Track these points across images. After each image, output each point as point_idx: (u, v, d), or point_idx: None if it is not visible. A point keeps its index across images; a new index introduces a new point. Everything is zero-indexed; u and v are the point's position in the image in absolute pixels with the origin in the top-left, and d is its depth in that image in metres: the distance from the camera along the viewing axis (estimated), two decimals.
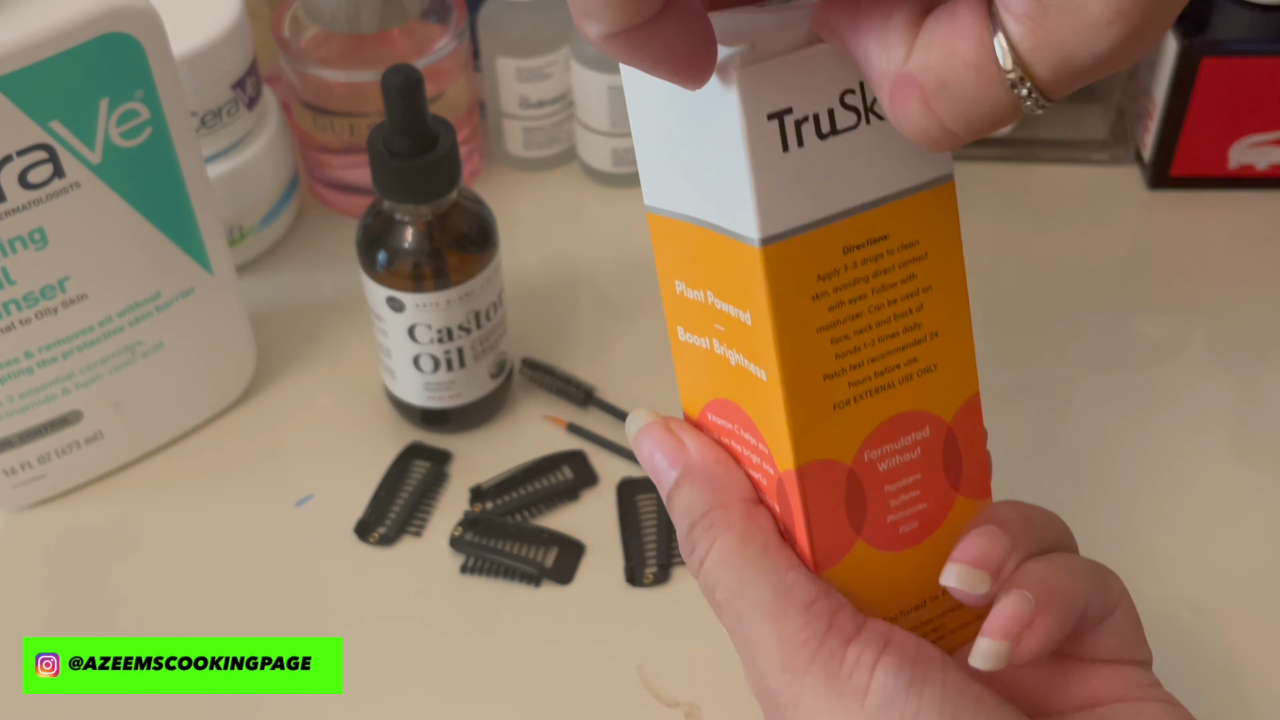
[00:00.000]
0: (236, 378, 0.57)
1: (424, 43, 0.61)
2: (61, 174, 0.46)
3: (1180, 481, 0.54)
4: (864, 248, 0.33)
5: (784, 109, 0.31)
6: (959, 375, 0.35)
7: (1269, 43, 0.62)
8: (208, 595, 0.51)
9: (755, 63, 0.30)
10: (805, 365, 0.33)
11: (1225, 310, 0.62)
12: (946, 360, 0.35)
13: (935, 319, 0.34)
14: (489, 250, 0.51)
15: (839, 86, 0.31)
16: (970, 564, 0.33)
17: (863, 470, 0.34)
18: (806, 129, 0.31)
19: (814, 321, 0.33)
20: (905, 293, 0.34)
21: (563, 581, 0.51)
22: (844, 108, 0.31)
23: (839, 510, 0.34)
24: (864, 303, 0.33)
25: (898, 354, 0.34)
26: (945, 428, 0.35)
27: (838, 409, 0.34)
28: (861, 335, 0.33)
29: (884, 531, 0.35)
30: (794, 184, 0.31)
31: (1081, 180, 0.68)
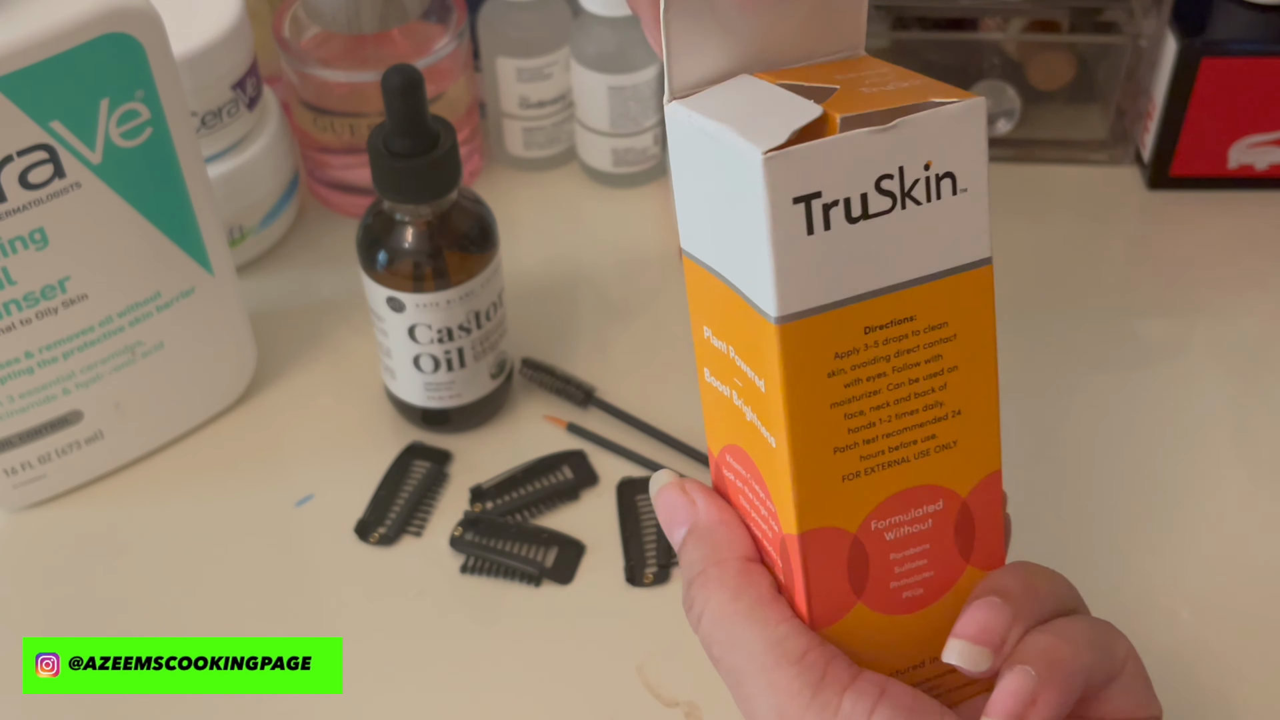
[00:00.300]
0: (237, 378, 0.57)
1: (424, 43, 0.61)
2: (62, 174, 0.46)
3: (1180, 481, 0.54)
4: (887, 328, 0.32)
5: (812, 193, 0.30)
6: (980, 452, 0.35)
7: (1269, 43, 0.62)
8: (208, 595, 0.51)
9: (785, 148, 0.30)
10: (815, 439, 0.32)
11: (1225, 310, 0.62)
12: (967, 437, 0.34)
13: (959, 398, 0.34)
14: (489, 250, 0.51)
15: (875, 172, 0.31)
16: (972, 640, 0.33)
17: (868, 539, 0.34)
18: (835, 213, 0.31)
19: (828, 397, 0.32)
20: (929, 372, 0.33)
21: (563, 581, 0.51)
22: (879, 193, 0.31)
23: (840, 575, 0.34)
24: (883, 380, 0.33)
25: (915, 430, 0.33)
26: (960, 501, 0.35)
27: (847, 480, 0.33)
28: (878, 411, 0.33)
29: (886, 596, 0.35)
30: (817, 265, 0.31)
31: (1081, 180, 0.68)
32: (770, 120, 0.30)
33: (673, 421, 0.56)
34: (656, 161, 0.67)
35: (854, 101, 0.31)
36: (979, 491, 0.35)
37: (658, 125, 0.66)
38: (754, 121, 0.31)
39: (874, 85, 0.32)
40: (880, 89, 0.32)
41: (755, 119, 0.31)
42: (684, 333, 0.61)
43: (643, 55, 0.63)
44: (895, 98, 0.31)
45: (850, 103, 0.31)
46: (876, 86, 0.32)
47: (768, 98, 0.32)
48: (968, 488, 0.35)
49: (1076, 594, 0.36)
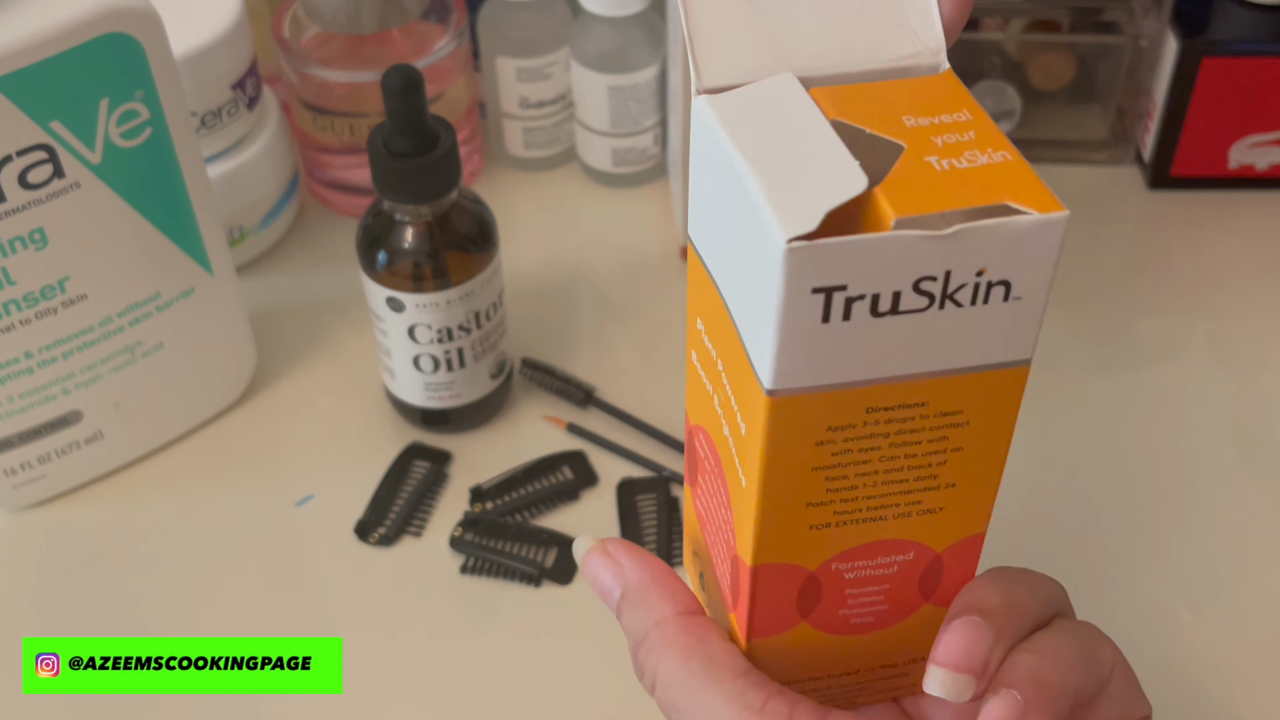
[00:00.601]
0: (236, 378, 0.57)
1: (424, 43, 0.61)
2: (61, 174, 0.46)
3: (1180, 481, 0.54)
4: (893, 410, 0.29)
5: (835, 285, 0.26)
6: (965, 518, 0.32)
7: (1269, 43, 0.62)
8: (208, 595, 0.51)
9: (814, 237, 0.26)
10: (789, 493, 0.30)
11: (1225, 310, 0.62)
12: (955, 505, 0.31)
13: (957, 474, 0.31)
14: (489, 250, 0.51)
15: (916, 273, 0.27)
16: (954, 668, 0.31)
17: (825, 575, 0.32)
18: (859, 306, 0.27)
19: (811, 461, 0.29)
20: (930, 450, 0.30)
21: (563, 582, 0.51)
22: (916, 293, 0.27)
23: (789, 601, 0.33)
24: (876, 453, 0.30)
25: (900, 496, 0.31)
26: (933, 555, 0.33)
27: (814, 529, 0.31)
28: (864, 478, 0.30)
29: (833, 620, 0.33)
30: (826, 350, 0.27)
31: (1082, 180, 0.68)
32: (806, 184, 0.26)
33: (673, 421, 0.56)
34: (656, 161, 0.67)
35: (915, 182, 0.27)
36: (956, 548, 0.33)
37: (658, 125, 0.66)
38: (786, 178, 0.27)
39: (949, 153, 0.27)
40: (954, 162, 0.27)
41: (789, 173, 0.27)
42: (684, 332, 0.61)
43: (643, 55, 0.63)
44: (966, 188, 0.27)
45: (910, 184, 0.27)
46: (951, 156, 0.27)
47: (811, 139, 0.27)
48: (944, 545, 0.33)
49: (1060, 592, 0.35)
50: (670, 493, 0.53)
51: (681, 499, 0.53)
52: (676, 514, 0.53)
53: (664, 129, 0.66)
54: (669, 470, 0.54)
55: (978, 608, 0.32)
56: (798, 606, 0.33)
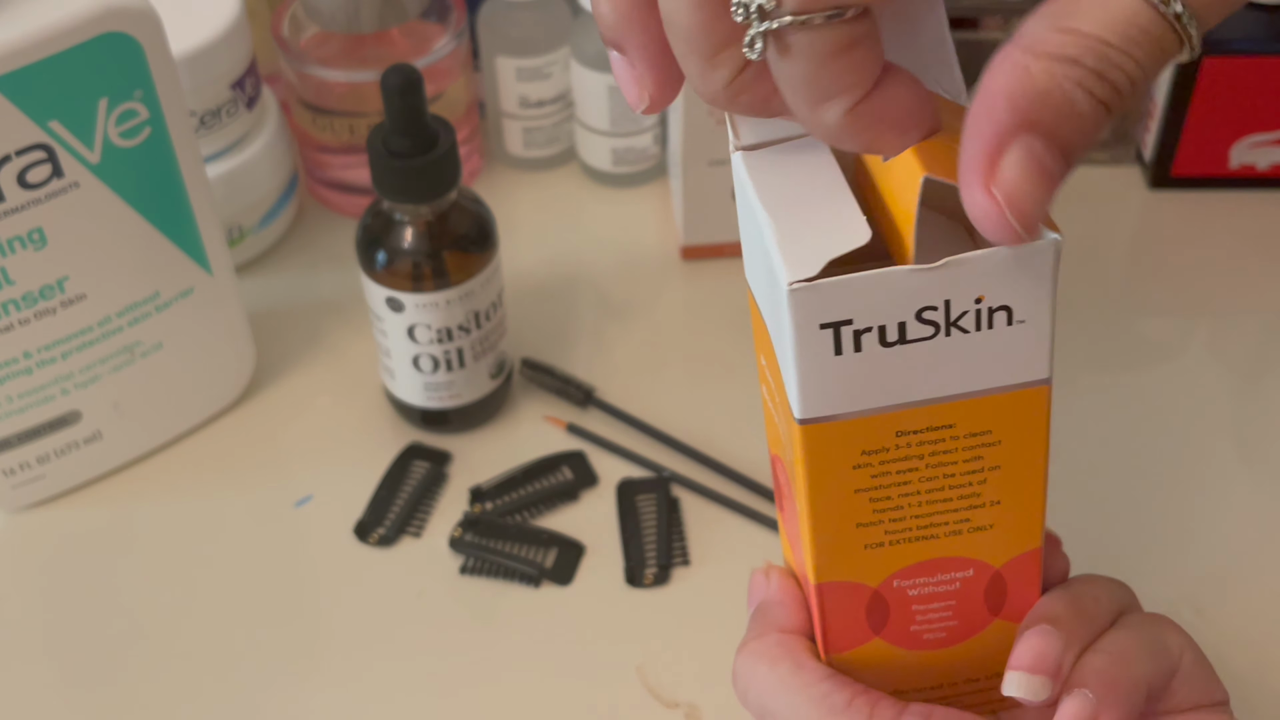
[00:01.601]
0: (235, 378, 0.57)
1: (423, 42, 0.61)
2: (60, 174, 0.46)
3: (1180, 481, 0.54)
4: (922, 433, 0.31)
5: (841, 320, 0.29)
6: (1018, 534, 0.34)
7: (1270, 42, 0.62)
8: (207, 595, 0.51)
9: (815, 280, 0.28)
10: (837, 514, 0.32)
11: (1226, 310, 0.62)
12: (1005, 522, 0.33)
13: (999, 491, 0.32)
14: (489, 250, 0.51)
15: (916, 304, 0.29)
16: (1029, 670, 0.34)
17: (889, 593, 0.34)
18: (868, 338, 0.29)
19: (853, 484, 0.32)
20: (967, 469, 0.32)
21: (562, 582, 0.51)
22: (919, 322, 0.29)
23: (858, 617, 0.35)
24: (914, 474, 0.32)
25: (948, 514, 0.33)
26: (993, 571, 0.35)
27: (869, 548, 0.33)
28: (907, 498, 0.32)
29: (906, 636, 0.35)
30: (845, 380, 0.30)
31: (1082, 180, 0.68)
32: (815, 234, 0.29)
33: (673, 421, 0.56)
34: (656, 161, 0.67)
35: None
36: (1014, 564, 0.34)
37: (658, 125, 0.66)
38: (799, 229, 0.29)
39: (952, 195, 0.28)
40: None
41: (801, 225, 0.29)
42: (684, 333, 0.61)
43: None
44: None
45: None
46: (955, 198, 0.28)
47: (827, 193, 0.30)
48: (1002, 561, 0.34)
49: (1125, 591, 0.37)
50: (670, 493, 0.53)
51: (680, 499, 0.53)
52: (676, 514, 0.53)
53: (664, 129, 0.66)
54: (669, 471, 0.54)
55: (1047, 617, 0.34)
56: (868, 622, 0.35)
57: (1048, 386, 0.32)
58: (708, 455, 0.55)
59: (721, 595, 0.50)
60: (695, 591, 0.51)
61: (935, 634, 0.35)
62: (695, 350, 0.59)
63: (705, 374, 0.58)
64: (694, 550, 0.52)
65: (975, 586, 0.34)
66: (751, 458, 0.54)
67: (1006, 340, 0.30)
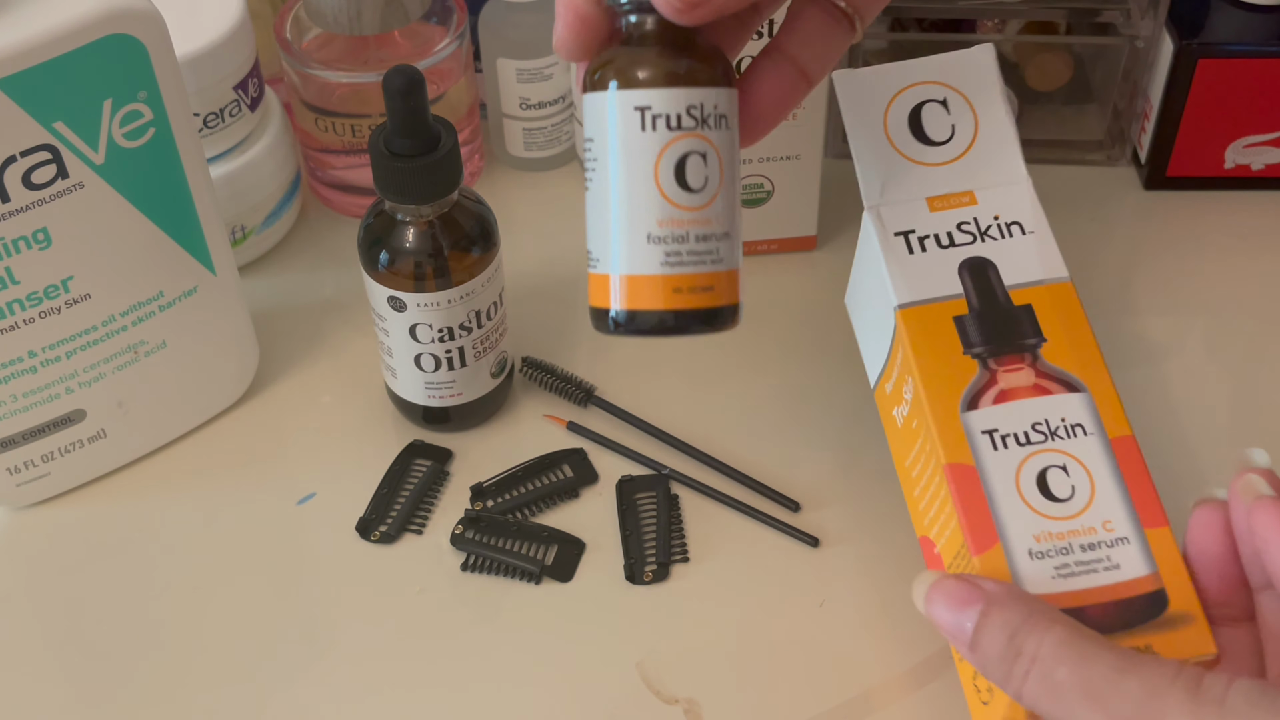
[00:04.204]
0: (239, 377, 0.57)
1: (425, 44, 0.62)
2: (65, 174, 0.46)
3: (1178, 481, 0.55)
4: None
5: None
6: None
7: (1265, 44, 0.62)
8: (210, 593, 0.51)
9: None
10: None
11: (1221, 310, 0.62)
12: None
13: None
14: (490, 250, 0.52)
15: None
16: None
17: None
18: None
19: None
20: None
21: (563, 579, 0.51)
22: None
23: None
24: None
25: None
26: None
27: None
28: None
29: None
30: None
31: (1078, 181, 0.69)
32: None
33: (672, 420, 0.56)
34: None
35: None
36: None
37: None
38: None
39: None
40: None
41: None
42: None
43: None
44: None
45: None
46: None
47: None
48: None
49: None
50: (669, 490, 0.54)
51: (680, 497, 0.54)
52: (676, 511, 0.53)
53: None
54: (669, 468, 0.54)
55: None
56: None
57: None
58: (707, 453, 0.55)
59: (721, 592, 0.51)
60: (695, 588, 0.51)
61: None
62: (695, 349, 0.59)
63: (705, 372, 0.58)
64: (693, 547, 0.52)
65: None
66: (751, 456, 0.55)
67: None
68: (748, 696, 0.48)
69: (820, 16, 0.41)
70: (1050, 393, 0.43)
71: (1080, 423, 0.42)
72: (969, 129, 0.47)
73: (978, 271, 0.45)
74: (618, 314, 0.38)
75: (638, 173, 0.37)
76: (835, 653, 0.49)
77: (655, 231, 0.37)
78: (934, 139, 0.47)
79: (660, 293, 0.37)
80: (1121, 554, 0.40)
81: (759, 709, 0.47)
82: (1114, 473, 0.42)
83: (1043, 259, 0.45)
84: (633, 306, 0.38)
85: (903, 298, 0.44)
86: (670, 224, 0.37)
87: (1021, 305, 0.44)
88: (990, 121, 0.47)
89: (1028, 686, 0.36)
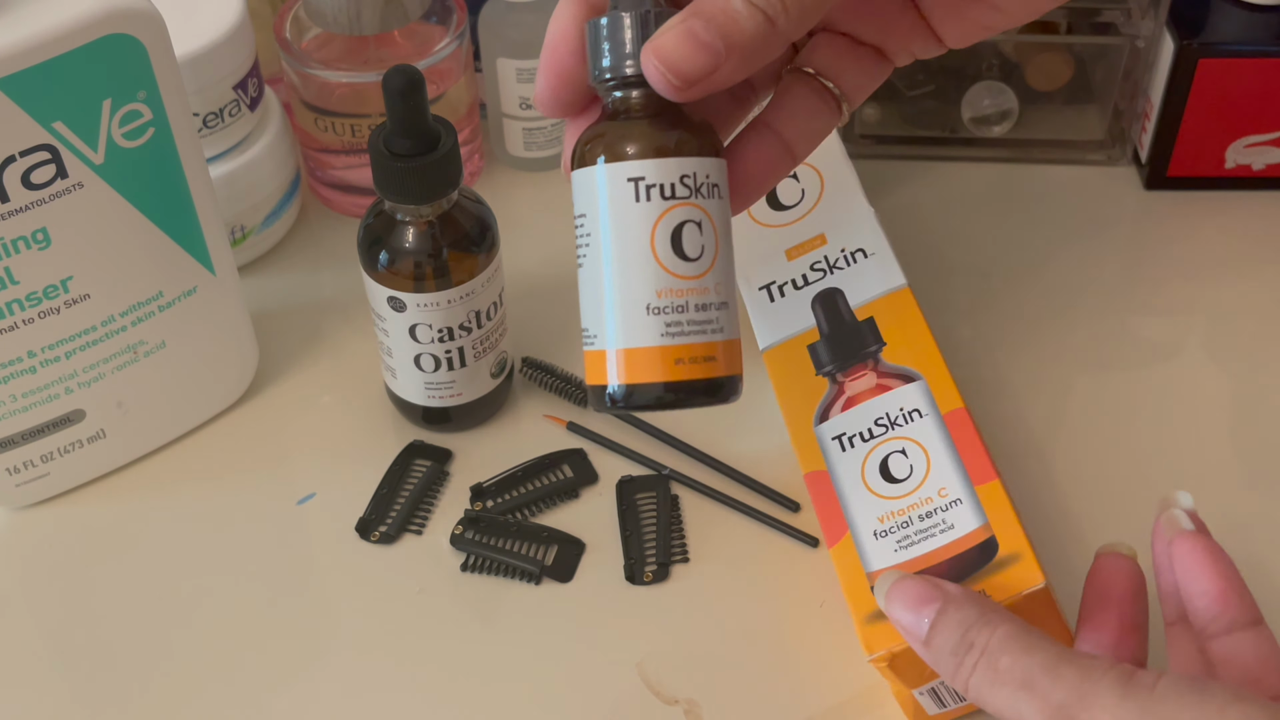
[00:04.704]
0: (238, 377, 0.57)
1: (425, 44, 0.62)
2: (64, 174, 0.46)
3: (1177, 482, 0.55)
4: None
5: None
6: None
7: (1265, 44, 0.62)
8: (209, 593, 0.51)
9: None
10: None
11: (1222, 310, 0.62)
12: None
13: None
14: (490, 250, 0.52)
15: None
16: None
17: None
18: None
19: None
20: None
21: (563, 579, 0.51)
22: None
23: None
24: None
25: None
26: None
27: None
28: None
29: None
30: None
31: (1078, 181, 0.68)
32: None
33: (672, 420, 0.56)
34: None
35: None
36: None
37: None
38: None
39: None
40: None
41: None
42: None
43: None
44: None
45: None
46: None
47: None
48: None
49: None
50: (669, 491, 0.54)
51: (680, 497, 0.54)
52: (676, 512, 0.53)
53: None
54: (668, 469, 0.54)
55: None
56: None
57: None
58: (707, 453, 0.55)
59: (720, 592, 0.51)
60: (695, 589, 0.51)
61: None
62: None
63: None
64: (693, 548, 0.52)
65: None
66: (750, 456, 0.55)
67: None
68: (748, 697, 0.48)
69: (809, 95, 0.41)
70: (890, 389, 0.47)
71: (917, 408, 0.46)
72: (815, 188, 0.53)
73: (827, 301, 0.50)
74: (616, 390, 0.37)
75: (633, 244, 0.37)
76: (835, 653, 0.49)
77: (654, 302, 0.37)
78: (785, 204, 0.53)
79: (661, 365, 0.37)
80: (955, 515, 0.44)
81: (759, 709, 0.47)
82: (947, 444, 0.45)
83: (882, 274, 0.50)
84: (632, 380, 0.37)
85: (764, 342, 0.50)
86: (669, 294, 0.37)
87: (865, 319, 0.49)
88: (833, 173, 0.54)
89: (974, 678, 0.37)
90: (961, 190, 0.68)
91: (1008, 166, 0.69)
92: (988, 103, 0.68)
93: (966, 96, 0.68)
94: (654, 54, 0.35)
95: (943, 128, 0.69)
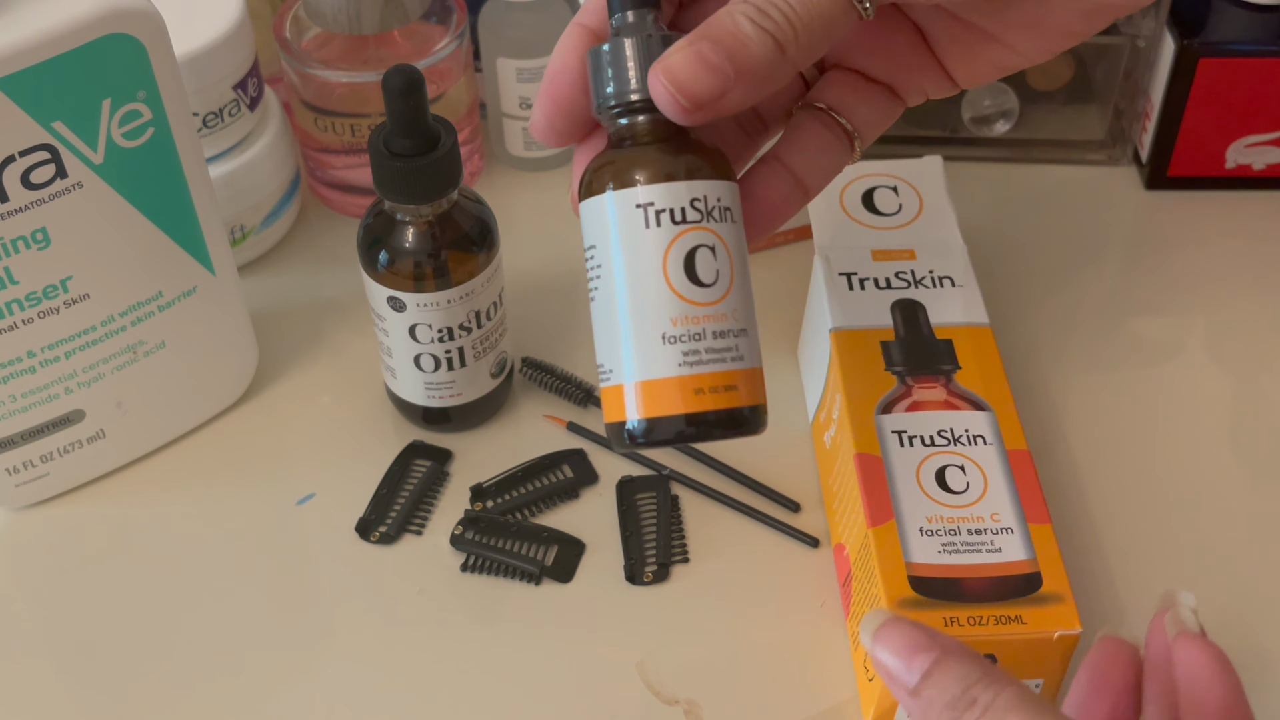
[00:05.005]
0: (238, 377, 0.57)
1: (425, 44, 0.62)
2: (64, 174, 0.46)
3: (1177, 481, 0.55)
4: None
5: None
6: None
7: (1266, 43, 0.62)
8: (209, 594, 0.51)
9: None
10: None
11: (1222, 310, 0.62)
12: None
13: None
14: (490, 250, 0.52)
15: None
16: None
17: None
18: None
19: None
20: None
21: (563, 580, 0.51)
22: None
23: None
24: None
25: None
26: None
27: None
28: None
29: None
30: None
31: (1079, 180, 0.68)
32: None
33: None
34: None
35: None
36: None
37: None
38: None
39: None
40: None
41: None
42: None
43: None
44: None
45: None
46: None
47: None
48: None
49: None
50: (669, 491, 0.54)
51: (680, 497, 0.54)
52: (676, 512, 0.53)
53: None
54: (668, 469, 0.54)
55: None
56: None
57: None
58: (707, 454, 0.55)
59: (720, 593, 0.51)
60: (695, 589, 0.51)
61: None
62: None
63: None
64: (693, 548, 0.52)
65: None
66: (750, 457, 0.55)
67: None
68: (748, 697, 0.48)
69: (821, 132, 0.41)
70: (958, 408, 0.48)
71: (982, 434, 0.48)
72: (914, 207, 0.55)
73: (907, 309, 0.52)
74: (635, 425, 0.36)
75: (646, 272, 0.36)
76: (834, 653, 0.49)
77: (670, 331, 0.35)
78: (882, 211, 0.55)
79: (680, 396, 0.35)
80: (1004, 540, 0.45)
81: (759, 709, 0.47)
82: (1007, 476, 0.46)
83: (967, 307, 0.52)
84: (651, 414, 0.36)
85: (836, 322, 0.51)
86: (685, 321, 0.35)
87: (943, 339, 0.50)
88: (933, 200, 0.56)
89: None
90: (962, 190, 0.68)
91: (1008, 166, 0.69)
92: (988, 102, 0.68)
93: (967, 96, 0.68)
94: (663, 74, 0.34)
95: (943, 127, 0.69)
